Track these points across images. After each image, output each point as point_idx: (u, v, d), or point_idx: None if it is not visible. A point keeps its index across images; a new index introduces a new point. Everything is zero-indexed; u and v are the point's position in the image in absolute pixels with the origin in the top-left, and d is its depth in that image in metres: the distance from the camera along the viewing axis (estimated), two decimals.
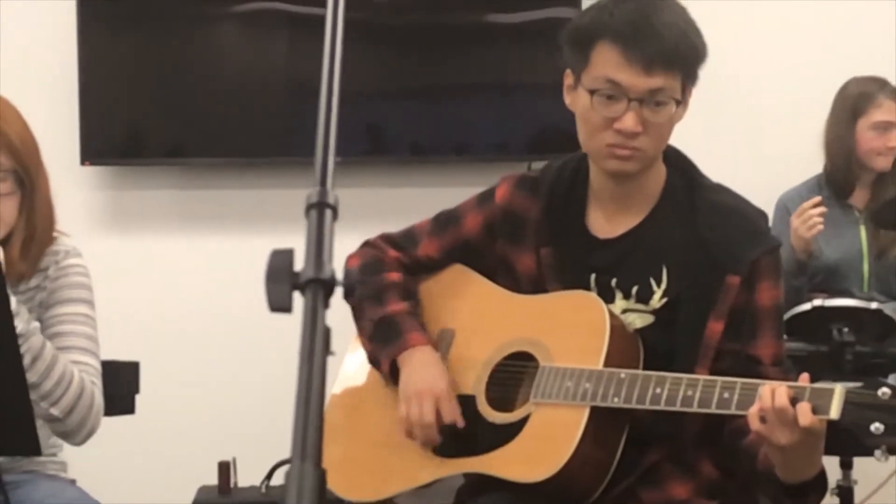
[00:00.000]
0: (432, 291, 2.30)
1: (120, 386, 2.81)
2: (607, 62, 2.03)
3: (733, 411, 1.91)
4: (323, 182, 1.11)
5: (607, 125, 2.04)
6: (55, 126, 3.87)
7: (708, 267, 2.08)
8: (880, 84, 3.65)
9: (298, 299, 1.09)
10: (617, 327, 2.06)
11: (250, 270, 1.53)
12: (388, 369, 2.20)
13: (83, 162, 3.99)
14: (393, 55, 4.13)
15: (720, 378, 1.94)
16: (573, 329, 2.09)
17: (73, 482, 2.46)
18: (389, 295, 2.24)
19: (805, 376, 1.91)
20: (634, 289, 2.12)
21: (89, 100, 3.99)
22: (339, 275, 1.05)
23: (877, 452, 1.86)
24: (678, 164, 2.20)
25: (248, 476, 3.61)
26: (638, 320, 2.12)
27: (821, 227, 3.37)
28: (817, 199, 3.41)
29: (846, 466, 3.34)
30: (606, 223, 2.18)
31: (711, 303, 2.06)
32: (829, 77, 3.76)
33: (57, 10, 3.99)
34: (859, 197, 3.72)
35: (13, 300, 2.06)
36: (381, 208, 4.06)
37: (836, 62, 3.93)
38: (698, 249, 2.09)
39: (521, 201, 2.23)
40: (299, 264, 1.09)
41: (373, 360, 2.25)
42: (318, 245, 1.05)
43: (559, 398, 2.02)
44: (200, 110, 4.12)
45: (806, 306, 3.15)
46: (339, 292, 1.14)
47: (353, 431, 2.26)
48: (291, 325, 1.91)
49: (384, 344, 2.20)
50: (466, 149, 4.16)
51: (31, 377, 2.16)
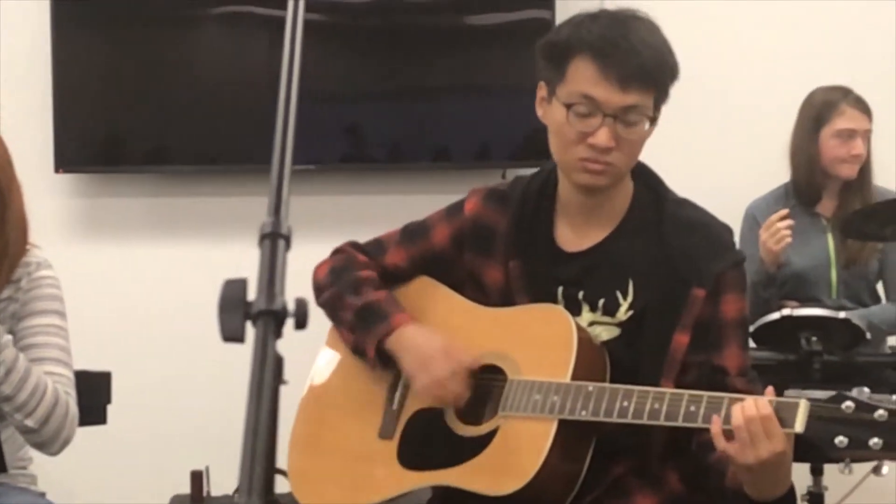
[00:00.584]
0: (400, 303, 2.30)
1: (92, 396, 2.81)
2: (583, 77, 2.04)
3: (700, 424, 1.91)
4: (276, 212, 1.12)
5: (581, 139, 2.05)
6: (28, 133, 3.86)
7: (673, 280, 2.09)
8: (844, 92, 3.67)
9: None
10: (584, 340, 2.07)
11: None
12: (375, 354, 2.19)
13: (57, 170, 3.97)
14: (372, 58, 4.14)
15: (687, 391, 1.95)
16: (541, 342, 2.10)
17: (43, 495, 2.46)
18: (366, 287, 2.25)
19: (770, 389, 1.92)
20: (601, 301, 2.14)
21: (63, 106, 3.97)
22: (291, 305, 1.05)
23: (840, 465, 1.87)
24: (645, 179, 2.21)
25: (222, 485, 3.61)
26: (604, 333, 2.14)
27: (789, 240, 3.39)
28: (784, 212, 3.42)
29: (817, 473, 3.36)
30: (574, 236, 2.20)
31: (677, 315, 2.07)
32: (798, 86, 3.78)
33: (31, 13, 3.97)
34: (826, 205, 3.73)
35: None
36: (359, 215, 4.06)
37: (804, 71, 3.96)
38: (664, 263, 2.10)
39: (490, 214, 2.24)
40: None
41: (358, 349, 2.23)
42: (271, 276, 1.06)
43: (527, 411, 2.03)
44: (177, 116, 4.11)
45: (775, 315, 3.17)
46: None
47: (321, 442, 2.27)
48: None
49: (368, 329, 2.19)
50: (446, 154, 4.16)
51: (5, 389, 2.17)
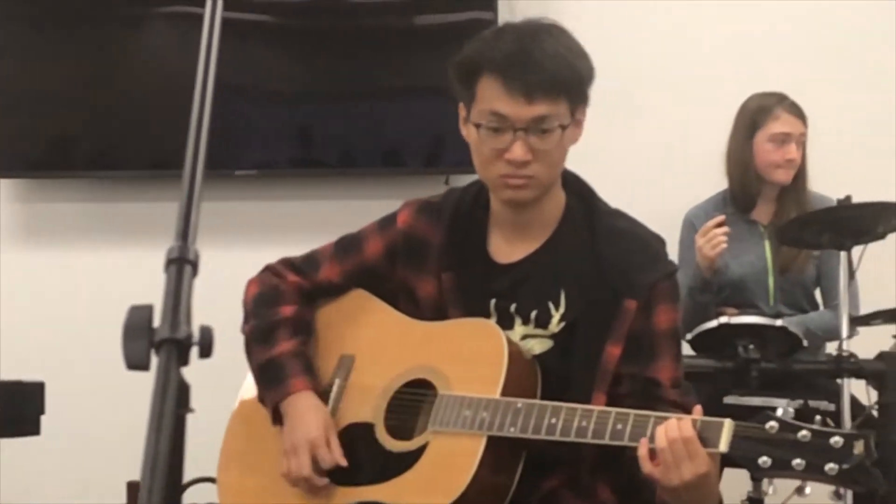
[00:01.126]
0: (332, 317, 2.30)
1: (25, 407, 2.77)
2: (490, 95, 2.04)
3: (626, 442, 1.91)
4: (184, 236, 1.10)
5: (498, 156, 2.06)
6: None
7: (606, 291, 2.09)
8: (778, 98, 3.70)
9: None
10: (515, 355, 2.07)
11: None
12: (272, 413, 2.20)
13: None
14: (320, 59, 4.13)
15: (614, 409, 1.95)
16: (472, 357, 2.09)
17: None
18: (280, 333, 2.23)
19: (698, 408, 1.92)
20: (533, 314, 2.14)
21: (2, 109, 3.92)
22: (196, 334, 1.04)
23: (764, 483, 1.88)
24: (577, 190, 2.21)
25: None
26: (537, 346, 2.13)
27: (724, 246, 3.41)
28: (721, 219, 3.45)
29: (757, 479, 3.38)
30: (507, 248, 2.20)
31: (609, 327, 2.07)
32: (735, 93, 3.81)
33: None
34: (763, 212, 3.76)
35: None
36: (309, 221, 4.05)
37: (742, 78, 3.99)
38: (596, 274, 2.10)
39: (423, 227, 2.23)
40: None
41: (260, 401, 2.24)
42: (176, 303, 1.04)
43: (457, 427, 2.02)
44: (121, 120, 4.07)
45: (712, 323, 3.18)
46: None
47: (252, 458, 2.25)
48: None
49: (268, 387, 2.20)
50: (397, 158, 4.16)
51: None
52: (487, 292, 2.17)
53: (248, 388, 2.32)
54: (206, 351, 1.05)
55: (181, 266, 1.08)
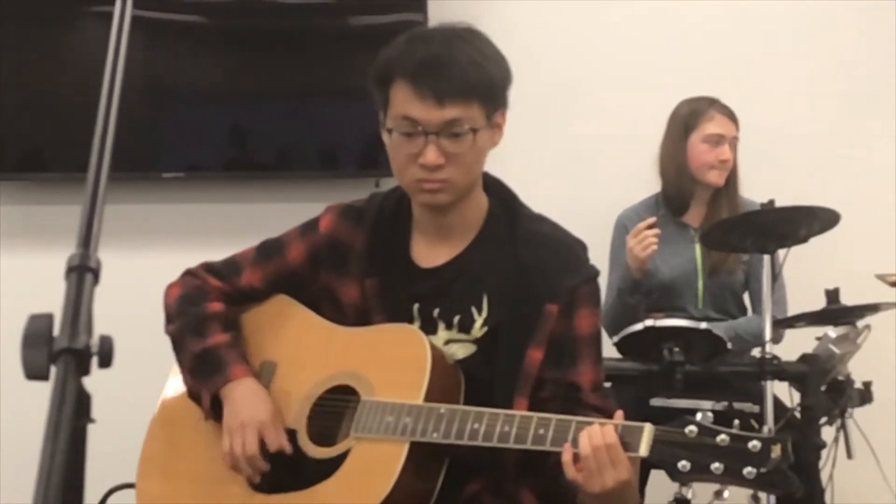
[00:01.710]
0: (255, 322, 2.28)
1: None
2: (402, 100, 2.04)
3: (548, 447, 1.91)
4: (86, 243, 1.07)
5: (412, 161, 2.06)
6: None
7: (528, 295, 2.09)
8: (710, 101, 3.74)
9: None
10: (438, 360, 2.06)
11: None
12: (210, 404, 2.17)
13: None
14: (254, 59, 4.11)
15: (536, 414, 1.95)
16: (395, 363, 2.08)
17: None
18: (211, 326, 2.21)
19: (619, 413, 1.93)
20: (456, 318, 2.13)
21: None
22: (96, 344, 1.01)
23: (683, 489, 1.89)
24: (499, 195, 2.22)
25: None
26: (460, 350, 2.13)
27: (655, 248, 3.43)
28: (651, 220, 3.46)
29: (677, 482, 3.40)
30: (429, 252, 2.19)
31: (531, 331, 2.08)
32: (669, 96, 3.84)
33: None
34: (695, 215, 3.79)
35: None
36: (244, 224, 4.01)
37: (675, 82, 4.02)
38: (518, 278, 2.11)
39: (346, 231, 2.22)
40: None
41: (194, 395, 2.20)
42: (75, 312, 1.02)
43: (379, 433, 2.01)
44: (51, 120, 4.00)
45: (638, 326, 3.20)
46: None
47: (171, 465, 2.22)
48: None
49: (205, 378, 2.17)
50: (334, 160, 4.15)
51: None
52: (411, 297, 2.17)
53: (171, 391, 2.29)
54: (106, 361, 1.03)
55: (82, 274, 1.06)
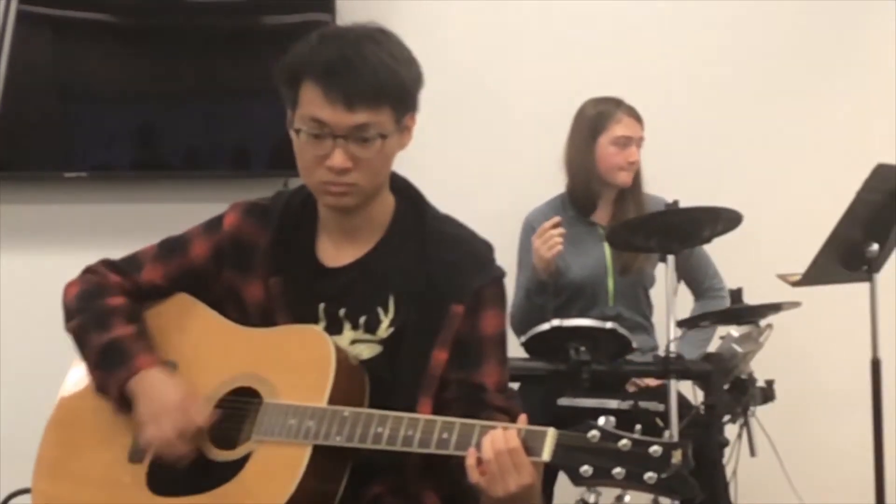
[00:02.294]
0: (155, 322, 2.23)
1: None
2: (311, 101, 2.02)
3: (452, 451, 1.91)
4: None
5: (319, 163, 2.04)
6: None
7: (433, 296, 2.09)
8: (616, 102, 3.77)
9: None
10: (342, 362, 2.04)
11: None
12: (118, 396, 2.12)
13: None
14: (164, 58, 4.07)
15: (440, 418, 1.94)
16: (299, 365, 2.06)
17: None
18: (114, 319, 2.17)
19: (523, 417, 1.93)
20: (362, 319, 2.12)
21: None
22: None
23: (585, 493, 1.89)
24: (406, 194, 2.21)
25: None
26: (366, 351, 2.12)
27: (560, 248, 3.45)
28: (556, 220, 3.48)
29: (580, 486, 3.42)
30: (335, 252, 2.18)
31: (436, 331, 2.07)
32: (573, 96, 3.86)
33: None
34: (602, 214, 3.81)
35: None
36: (152, 224, 3.92)
37: (579, 82, 4.04)
38: (424, 278, 2.10)
39: (250, 229, 2.19)
40: None
41: (101, 389, 2.16)
42: None
43: (282, 436, 1.99)
44: None
45: (545, 326, 3.21)
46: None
47: (68, 467, 2.18)
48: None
49: (111, 371, 2.13)
50: (245, 160, 4.12)
51: None
52: (316, 297, 2.14)
53: (68, 391, 2.24)
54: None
55: None
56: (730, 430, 3.29)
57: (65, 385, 2.26)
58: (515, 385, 3.36)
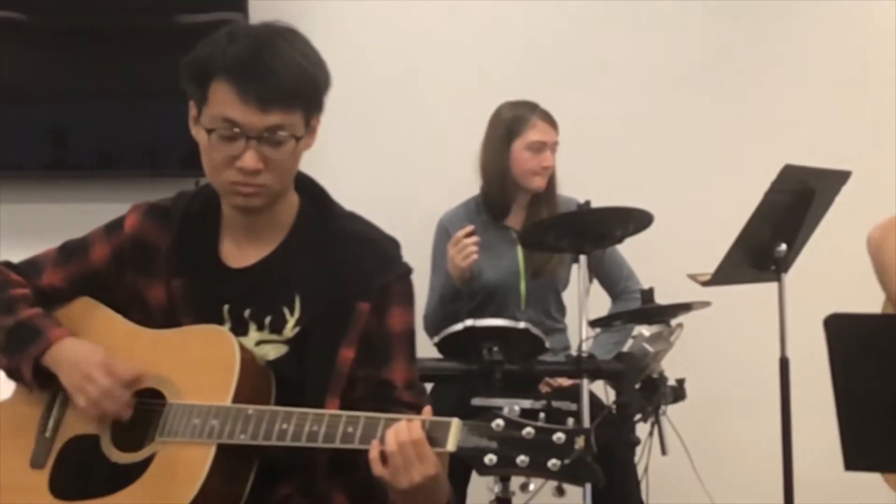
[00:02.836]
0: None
1: None
2: (223, 101, 1.99)
3: (357, 445, 1.90)
4: None
5: (229, 163, 2.02)
6: None
7: (339, 294, 2.08)
8: (531, 107, 3.79)
9: None
10: (247, 362, 2.03)
11: None
12: (32, 373, 2.10)
13: None
14: (76, 57, 4.04)
15: (345, 413, 1.94)
16: (203, 365, 2.04)
17: None
18: (19, 305, 2.15)
19: (427, 409, 1.93)
20: (268, 319, 2.10)
21: None
22: None
23: (490, 481, 1.89)
24: (311, 193, 2.20)
25: None
26: (272, 351, 2.10)
27: (475, 257, 3.46)
28: (470, 229, 3.49)
29: (504, 479, 3.43)
30: (239, 253, 2.16)
31: (343, 330, 2.06)
32: (488, 98, 3.87)
33: None
34: (516, 218, 3.83)
35: None
36: (65, 225, 3.85)
37: (495, 83, 4.06)
38: (330, 277, 2.09)
39: (152, 231, 2.17)
40: None
41: (13, 372, 2.14)
42: None
43: (186, 436, 1.97)
44: None
45: (458, 326, 3.21)
46: None
47: None
48: None
49: (23, 350, 2.10)
50: (159, 160, 4.09)
51: None
52: (220, 298, 2.13)
53: None
54: None
55: None
56: (641, 429, 3.31)
57: None
58: (429, 385, 3.36)
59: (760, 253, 3.50)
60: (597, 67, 4.40)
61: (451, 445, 1.85)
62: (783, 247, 3.48)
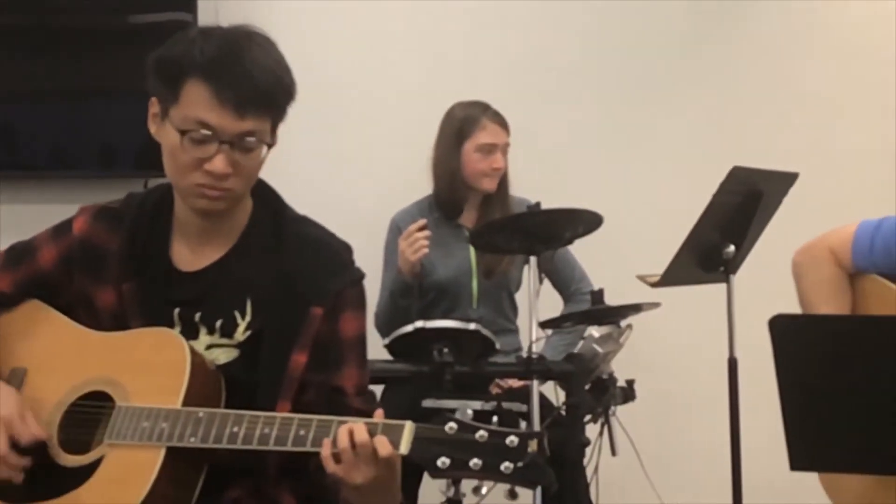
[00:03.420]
0: (5, 329, 2.18)
1: None
2: (198, 102, 1.97)
3: (309, 448, 1.90)
4: None
5: (197, 165, 2.00)
6: None
7: (292, 298, 2.07)
8: (483, 108, 3.80)
9: None
10: (198, 365, 2.02)
11: None
12: None
13: None
14: (26, 56, 3.99)
15: (297, 415, 1.94)
16: (153, 368, 2.03)
17: None
18: None
19: (379, 412, 1.93)
20: (219, 323, 2.09)
21: None
22: None
23: (442, 484, 1.90)
24: (264, 196, 2.19)
25: None
26: (223, 355, 2.10)
27: (426, 251, 3.46)
28: (422, 223, 3.50)
29: (456, 482, 3.43)
30: (191, 256, 2.15)
31: (295, 334, 2.06)
32: (440, 98, 3.88)
33: None
34: (468, 217, 3.84)
35: None
36: (15, 225, 3.85)
37: (447, 84, 4.07)
38: (283, 281, 2.08)
39: (101, 234, 2.15)
40: None
41: None
42: None
43: (134, 439, 1.96)
44: None
45: (408, 328, 3.22)
46: None
47: None
48: None
49: None
50: (111, 159, 4.07)
51: None
52: (171, 301, 2.12)
53: None
54: None
55: None
56: (591, 430, 3.33)
57: None
58: (380, 387, 3.36)
59: (709, 254, 3.52)
60: (547, 68, 4.42)
61: (405, 448, 1.85)
62: (731, 248, 3.50)
